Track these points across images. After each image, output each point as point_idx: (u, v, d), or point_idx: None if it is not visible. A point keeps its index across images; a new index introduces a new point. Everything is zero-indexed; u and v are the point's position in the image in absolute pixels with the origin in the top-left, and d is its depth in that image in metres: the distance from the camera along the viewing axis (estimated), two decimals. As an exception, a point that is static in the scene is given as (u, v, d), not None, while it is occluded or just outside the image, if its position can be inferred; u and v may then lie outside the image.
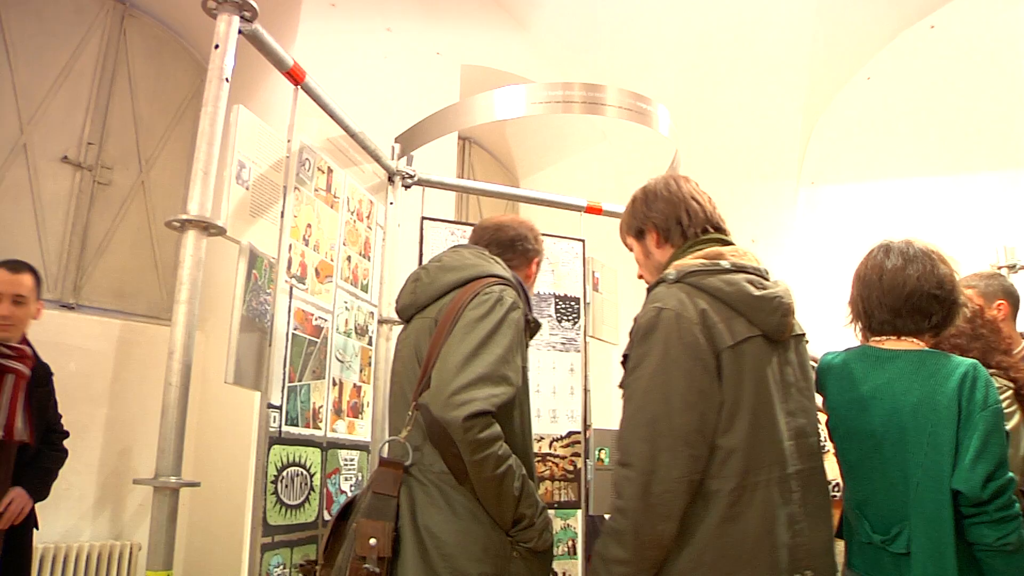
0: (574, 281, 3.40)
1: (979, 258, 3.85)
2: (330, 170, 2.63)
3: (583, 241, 3.47)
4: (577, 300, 3.42)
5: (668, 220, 1.92)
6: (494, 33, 5.14)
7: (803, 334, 1.92)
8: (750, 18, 5.14)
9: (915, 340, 1.97)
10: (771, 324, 1.77)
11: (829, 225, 5.55)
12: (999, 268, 3.91)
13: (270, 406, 2.17)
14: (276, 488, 2.17)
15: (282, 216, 2.29)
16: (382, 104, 4.00)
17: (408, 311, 2.10)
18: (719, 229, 1.92)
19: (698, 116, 5.50)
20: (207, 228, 1.84)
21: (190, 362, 1.77)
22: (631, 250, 2.04)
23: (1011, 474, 1.75)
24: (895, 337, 1.98)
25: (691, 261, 1.81)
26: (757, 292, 1.77)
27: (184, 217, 1.82)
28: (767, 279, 1.84)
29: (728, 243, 1.90)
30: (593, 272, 3.56)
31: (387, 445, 1.92)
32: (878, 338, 2.02)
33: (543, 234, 2.44)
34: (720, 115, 5.65)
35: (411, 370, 1.98)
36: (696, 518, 1.65)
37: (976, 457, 1.75)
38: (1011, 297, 2.82)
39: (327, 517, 2.40)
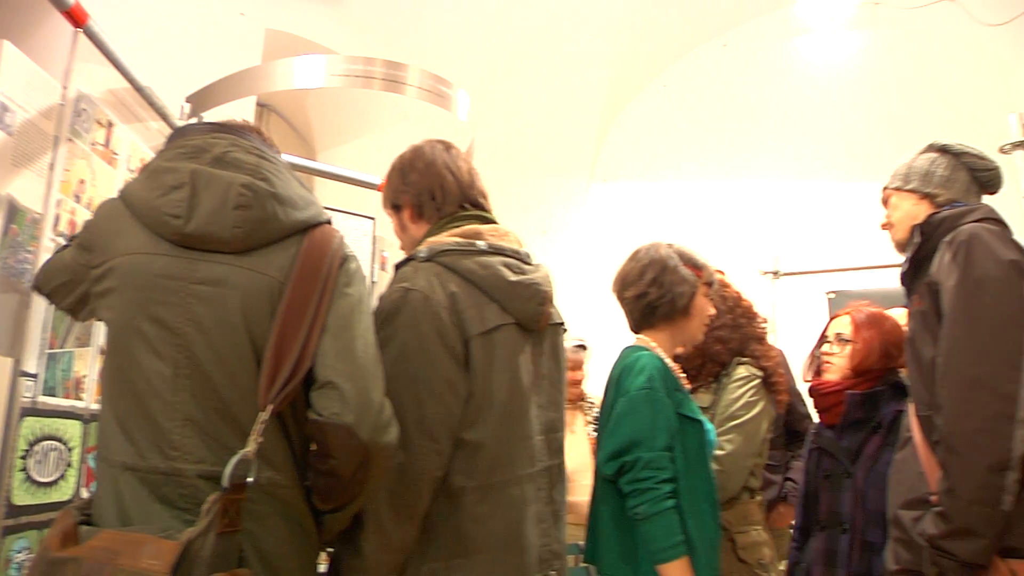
0: (361, 258, 3.34)
1: (752, 263, 4.20)
2: (110, 124, 2.45)
3: (374, 219, 3.42)
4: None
5: (421, 195, 1.77)
6: (303, 0, 4.97)
7: (561, 323, 1.86)
8: (558, 17, 5.29)
9: (645, 337, 2.21)
10: (526, 312, 1.68)
11: (618, 221, 5.83)
12: (764, 273, 4.27)
13: (23, 374, 1.99)
14: (26, 464, 1.99)
15: (51, 168, 2.10)
16: (176, 60, 3.75)
17: (211, 243, 1.41)
18: (477, 205, 1.79)
19: (500, 106, 5.59)
20: (-42, 174, 1.65)
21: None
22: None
23: (643, 454, 1.93)
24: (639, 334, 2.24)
25: (445, 239, 1.68)
26: (513, 277, 1.67)
27: (-70, 160, 1.62)
28: (528, 263, 1.75)
29: (489, 221, 1.78)
30: (382, 251, 3.52)
31: (233, 465, 1.30)
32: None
33: (332, 208, 2.29)
34: (521, 107, 5.77)
35: (234, 346, 1.40)
36: (441, 517, 1.55)
37: (607, 438, 2.01)
38: None
39: (85, 494, 2.23)
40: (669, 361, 2.16)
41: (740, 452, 2.45)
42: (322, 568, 1.60)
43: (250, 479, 1.31)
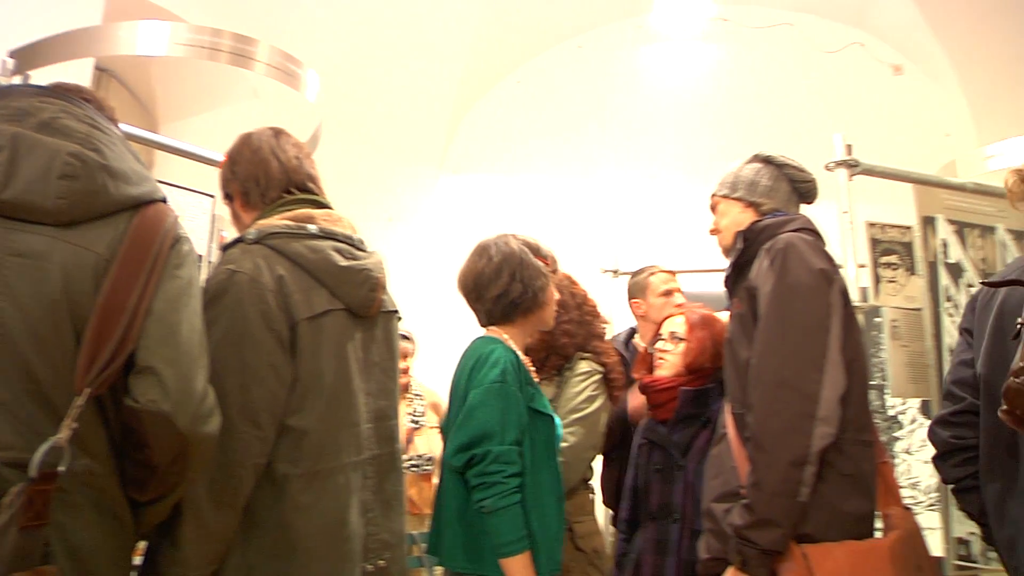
0: (199, 237, 3.19)
1: (593, 260, 4.31)
2: (-83, 76, 2.25)
3: (213, 197, 3.29)
4: (199, 257, 3.20)
5: (247, 182, 1.74)
6: (153, -39, 4.72)
7: (395, 311, 1.86)
8: (415, 4, 5.27)
9: (497, 328, 2.24)
10: (356, 298, 1.68)
11: (466, 213, 5.87)
12: (605, 272, 4.39)
13: None
14: None
15: None
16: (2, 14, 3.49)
17: (30, 212, 1.31)
18: (304, 189, 1.76)
19: (351, 90, 5.52)
20: None
21: None
22: None
23: (493, 447, 1.95)
24: (490, 327, 2.26)
25: (276, 221, 1.65)
26: (343, 262, 1.66)
27: None
28: (361, 249, 1.74)
29: (323, 205, 1.76)
30: (220, 230, 3.39)
31: (43, 453, 1.22)
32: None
33: (166, 183, 2.20)
34: (373, 93, 5.72)
35: (52, 324, 1.30)
36: (264, 506, 1.52)
37: (457, 429, 2.01)
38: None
39: None
40: (522, 355, 2.20)
41: (582, 444, 2.53)
42: (137, 560, 1.53)
43: (62, 468, 1.22)
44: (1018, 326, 1.46)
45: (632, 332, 3.47)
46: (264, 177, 1.74)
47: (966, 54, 5.33)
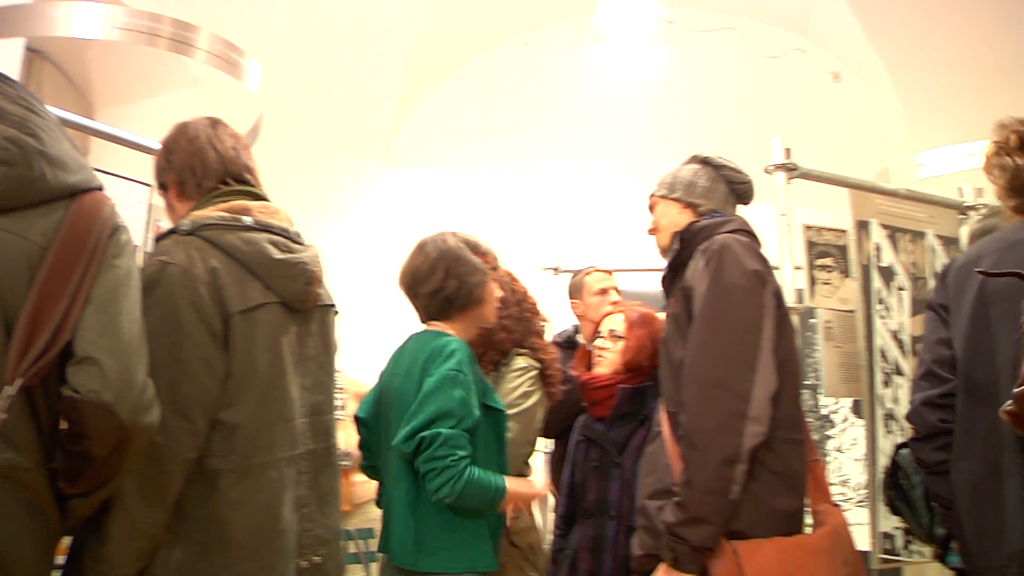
0: (135, 227, 3.12)
1: (534, 258, 4.32)
2: None
3: (150, 186, 3.22)
4: (136, 247, 3.13)
5: (183, 172, 1.70)
6: (89, -58, 4.58)
7: (331, 305, 1.85)
8: (362, -3, 5.24)
9: (439, 323, 2.21)
10: (291, 291, 1.66)
11: (407, 207, 5.86)
12: (545, 269, 4.41)
13: None
14: None
15: None
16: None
17: None
18: (241, 180, 1.74)
19: (295, 81, 5.48)
20: None
21: None
22: None
23: (443, 430, 1.90)
24: (431, 322, 2.23)
25: (211, 213, 1.62)
26: (278, 255, 1.64)
27: None
28: (298, 242, 1.72)
29: (259, 197, 1.73)
30: (157, 220, 3.31)
31: None
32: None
33: (102, 170, 2.14)
34: (317, 85, 5.68)
35: None
36: (195, 501, 1.49)
37: (411, 415, 1.96)
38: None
39: None
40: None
41: (518, 439, 2.52)
42: (60, 560, 1.49)
43: None
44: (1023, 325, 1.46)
45: (577, 328, 3.55)
46: (200, 167, 1.71)
47: (902, 64, 5.48)
